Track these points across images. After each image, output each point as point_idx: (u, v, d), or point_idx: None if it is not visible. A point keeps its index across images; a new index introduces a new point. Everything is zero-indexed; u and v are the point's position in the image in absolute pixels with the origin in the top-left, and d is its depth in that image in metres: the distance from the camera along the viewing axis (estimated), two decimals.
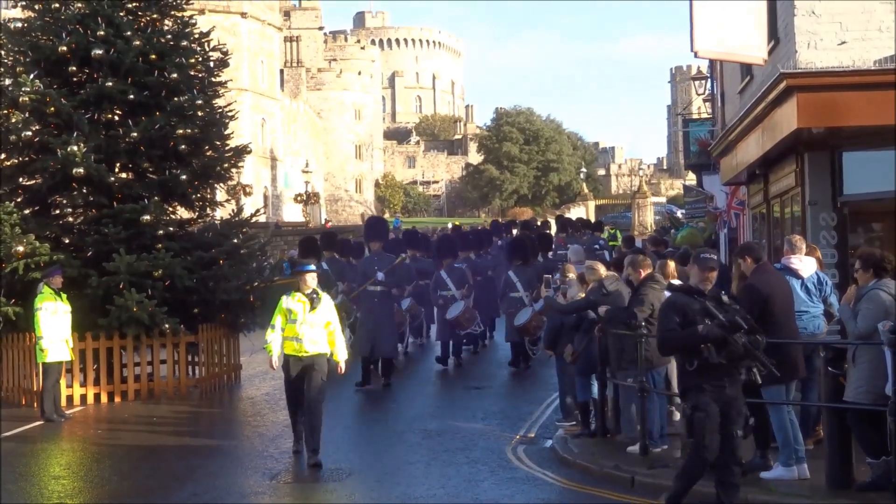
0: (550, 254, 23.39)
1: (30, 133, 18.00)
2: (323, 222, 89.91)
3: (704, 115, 38.20)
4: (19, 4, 19.76)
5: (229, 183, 21.14)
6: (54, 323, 15.71)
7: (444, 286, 20.16)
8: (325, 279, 17.00)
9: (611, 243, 39.71)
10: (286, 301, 12.16)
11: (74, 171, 17.61)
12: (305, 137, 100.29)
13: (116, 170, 18.83)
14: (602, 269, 13.30)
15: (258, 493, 10.87)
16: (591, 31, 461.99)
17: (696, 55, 14.98)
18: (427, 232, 47.11)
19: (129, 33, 18.54)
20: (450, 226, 44.15)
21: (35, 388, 16.69)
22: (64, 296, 16.07)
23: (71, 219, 19.33)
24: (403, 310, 19.95)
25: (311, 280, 12.19)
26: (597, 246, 27.98)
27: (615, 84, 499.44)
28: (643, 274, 12.12)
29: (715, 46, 14.50)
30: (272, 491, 10.98)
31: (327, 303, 12.31)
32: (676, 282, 13.77)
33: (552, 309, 13.20)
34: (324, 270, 17.91)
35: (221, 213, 21.15)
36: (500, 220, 47.39)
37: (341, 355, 12.37)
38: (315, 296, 12.08)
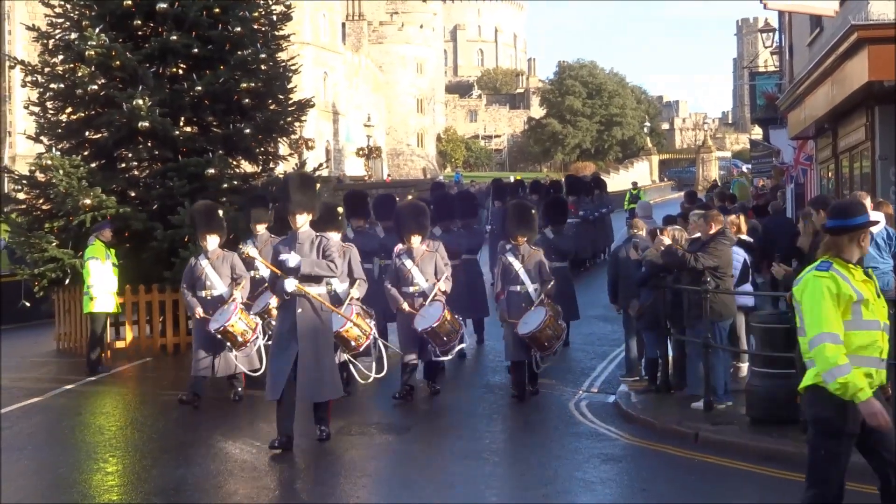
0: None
1: (96, 87, 18.16)
2: (385, 177, 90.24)
3: (772, 69, 37.59)
4: None
5: (292, 137, 21.28)
6: (104, 274, 15.95)
7: (409, 280, 13.04)
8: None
9: (629, 207, 38.97)
10: (825, 281, 5.99)
11: (140, 124, 17.78)
12: (367, 91, 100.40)
13: (181, 123, 19.02)
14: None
15: (326, 442, 10.83)
16: None
17: (765, 7, 14.75)
18: (473, 188, 43.02)
19: None
20: (511, 179, 43.28)
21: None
22: (112, 251, 16.34)
23: (136, 172, 19.59)
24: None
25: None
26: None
27: (680, 38, 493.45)
28: (714, 228, 11.87)
29: None
30: (338, 440, 10.98)
31: None
32: (746, 237, 13.61)
33: (673, 260, 12.06)
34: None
35: (284, 167, 21.24)
36: (503, 179, 41.09)
37: None
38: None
